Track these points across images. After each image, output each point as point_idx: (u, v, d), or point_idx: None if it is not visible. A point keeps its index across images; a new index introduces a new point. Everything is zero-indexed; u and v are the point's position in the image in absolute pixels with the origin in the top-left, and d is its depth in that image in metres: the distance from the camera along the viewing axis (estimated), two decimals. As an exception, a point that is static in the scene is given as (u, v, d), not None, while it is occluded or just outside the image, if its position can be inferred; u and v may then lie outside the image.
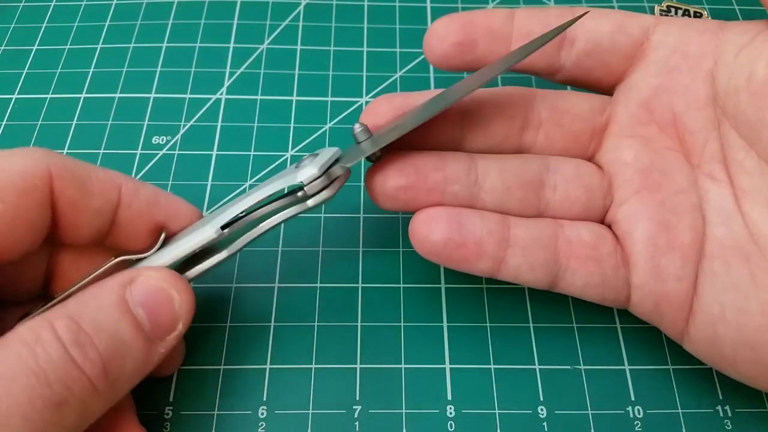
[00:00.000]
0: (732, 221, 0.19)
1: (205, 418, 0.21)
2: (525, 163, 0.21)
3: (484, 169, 0.20)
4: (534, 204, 0.21)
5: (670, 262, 0.19)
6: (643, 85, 0.21)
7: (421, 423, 0.21)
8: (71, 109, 0.28)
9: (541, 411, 0.21)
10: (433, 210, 0.19)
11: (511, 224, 0.20)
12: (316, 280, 0.23)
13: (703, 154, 0.20)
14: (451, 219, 0.19)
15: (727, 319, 0.18)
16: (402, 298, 0.23)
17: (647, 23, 0.21)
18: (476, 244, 0.19)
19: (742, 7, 0.31)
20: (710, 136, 0.19)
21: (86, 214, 0.18)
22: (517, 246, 0.19)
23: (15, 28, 0.30)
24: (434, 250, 0.19)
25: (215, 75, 0.29)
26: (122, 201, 0.18)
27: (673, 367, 0.22)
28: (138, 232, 0.19)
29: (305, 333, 0.22)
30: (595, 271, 0.20)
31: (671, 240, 0.19)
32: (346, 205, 0.25)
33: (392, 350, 0.22)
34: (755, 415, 0.21)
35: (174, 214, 0.19)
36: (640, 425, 0.21)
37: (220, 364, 0.22)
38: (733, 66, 0.19)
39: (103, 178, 0.18)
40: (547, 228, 0.20)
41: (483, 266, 0.19)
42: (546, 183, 0.21)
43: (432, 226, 0.19)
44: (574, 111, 0.21)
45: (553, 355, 0.22)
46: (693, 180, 0.20)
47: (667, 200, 0.20)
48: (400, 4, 0.32)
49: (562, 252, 0.20)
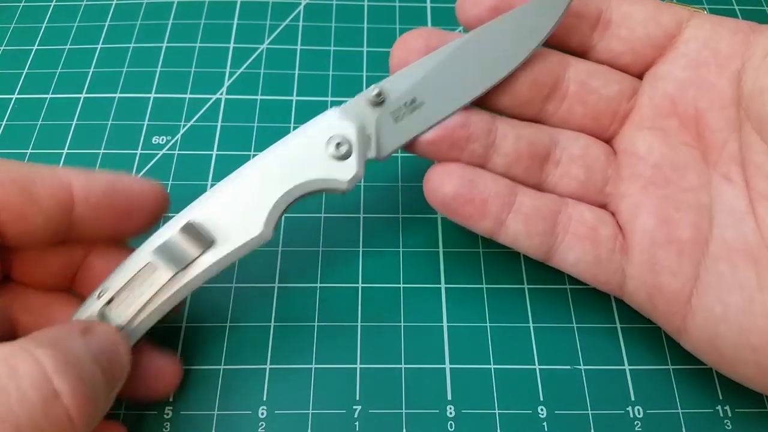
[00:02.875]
0: (743, 223, 0.18)
1: (205, 418, 0.21)
2: (539, 133, 0.21)
3: (503, 133, 0.21)
4: (536, 175, 0.21)
5: (665, 256, 0.19)
6: (670, 78, 0.21)
7: (421, 423, 0.21)
8: (71, 109, 0.28)
9: (541, 411, 0.21)
10: (450, 165, 0.20)
11: (519, 192, 0.21)
12: (316, 280, 0.23)
13: (722, 153, 0.19)
14: (464, 176, 0.20)
15: (730, 320, 0.18)
16: (402, 298, 0.23)
17: (681, 16, 0.21)
18: (482, 203, 0.20)
19: (742, 7, 0.31)
20: (731, 136, 0.19)
21: (35, 220, 0.17)
22: (519, 212, 0.20)
23: (15, 28, 0.30)
24: (443, 201, 0.20)
25: (215, 75, 0.29)
26: (76, 198, 0.18)
27: (673, 367, 0.22)
28: (102, 222, 0.18)
29: (305, 333, 0.22)
30: (589, 249, 0.20)
31: (669, 234, 0.19)
32: (346, 205, 0.25)
33: (392, 350, 0.22)
34: (755, 415, 0.21)
35: (136, 195, 0.19)
36: (640, 425, 0.21)
37: (220, 364, 0.22)
38: (759, 69, 0.19)
39: (50, 180, 0.17)
40: (552, 202, 0.21)
41: (485, 225, 0.20)
42: (551, 157, 0.21)
43: (445, 179, 0.20)
44: (601, 91, 0.21)
45: (553, 355, 0.22)
46: (706, 179, 0.20)
47: (672, 196, 0.20)
48: (400, 4, 0.32)
49: (561, 226, 0.20)
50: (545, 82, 0.21)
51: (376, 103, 0.20)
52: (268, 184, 0.19)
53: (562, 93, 0.21)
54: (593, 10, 0.21)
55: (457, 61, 0.20)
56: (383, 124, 0.20)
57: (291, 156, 0.19)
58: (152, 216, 0.19)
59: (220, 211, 0.18)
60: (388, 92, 0.20)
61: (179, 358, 0.21)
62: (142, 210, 0.19)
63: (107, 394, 0.16)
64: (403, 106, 0.20)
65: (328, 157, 0.19)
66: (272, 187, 0.19)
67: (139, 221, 0.19)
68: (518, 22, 0.20)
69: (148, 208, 0.19)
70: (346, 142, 0.19)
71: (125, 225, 0.19)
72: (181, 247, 0.18)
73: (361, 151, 0.19)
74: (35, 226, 0.17)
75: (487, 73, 0.20)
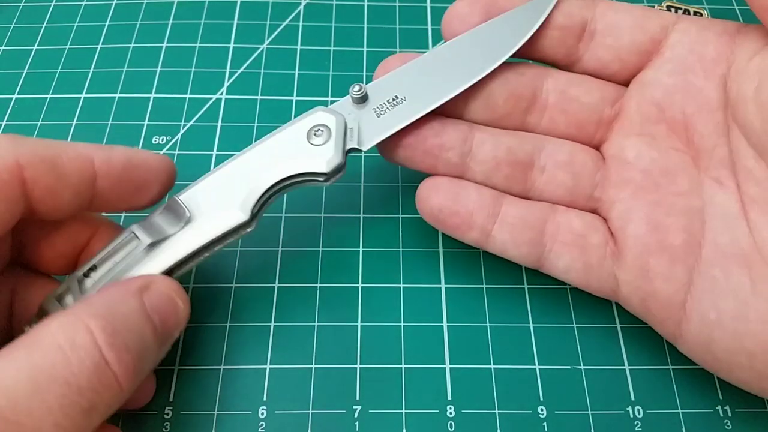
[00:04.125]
0: (736, 228, 0.18)
1: (205, 418, 0.21)
2: (520, 141, 0.21)
3: (480, 141, 0.21)
4: (520, 182, 0.21)
5: (657, 262, 0.19)
6: (657, 84, 0.21)
7: (421, 423, 0.21)
8: (71, 109, 0.28)
9: (541, 411, 0.21)
10: (438, 179, 0.21)
11: (505, 202, 0.21)
12: (316, 280, 0.23)
13: (712, 158, 0.19)
14: (450, 189, 0.21)
15: (724, 326, 0.18)
16: (402, 298, 0.23)
17: (667, 21, 0.21)
18: (467, 214, 0.21)
19: (742, 7, 0.31)
20: (720, 141, 0.19)
21: (64, 196, 0.18)
22: (505, 222, 0.21)
23: (15, 28, 0.30)
24: (432, 214, 0.21)
25: (215, 75, 0.29)
26: (98, 173, 0.18)
27: (673, 367, 0.22)
28: (120, 194, 0.19)
29: (305, 333, 0.22)
30: (578, 257, 0.20)
31: (661, 241, 0.19)
32: (346, 205, 0.25)
33: (392, 350, 0.22)
34: (755, 415, 0.21)
35: (150, 168, 0.20)
36: (640, 425, 0.21)
37: (220, 364, 0.22)
38: (743, 73, 0.18)
39: (75, 155, 0.18)
40: (540, 210, 0.21)
41: (472, 236, 0.21)
42: (536, 164, 0.21)
43: (432, 192, 0.21)
44: (582, 99, 0.21)
45: (553, 355, 0.22)
46: (697, 183, 0.20)
47: (663, 201, 0.20)
48: (400, 4, 0.32)
49: (549, 234, 0.21)
50: (522, 94, 0.21)
51: (359, 99, 0.21)
52: (250, 170, 0.20)
53: (541, 104, 0.21)
54: (578, 22, 0.21)
55: (438, 62, 0.21)
56: (365, 118, 0.21)
57: (275, 146, 0.20)
58: (164, 188, 0.20)
59: (203, 193, 0.20)
60: (371, 90, 0.21)
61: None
62: (156, 182, 0.20)
63: (158, 350, 0.17)
64: (385, 103, 0.21)
65: (309, 146, 0.20)
66: (254, 173, 0.20)
67: (152, 193, 0.20)
68: (498, 29, 0.21)
69: (160, 181, 0.20)
70: (325, 129, 0.20)
71: (140, 196, 0.20)
72: (160, 220, 0.19)
73: (340, 139, 0.20)
74: (64, 200, 0.18)
75: (465, 73, 0.21)
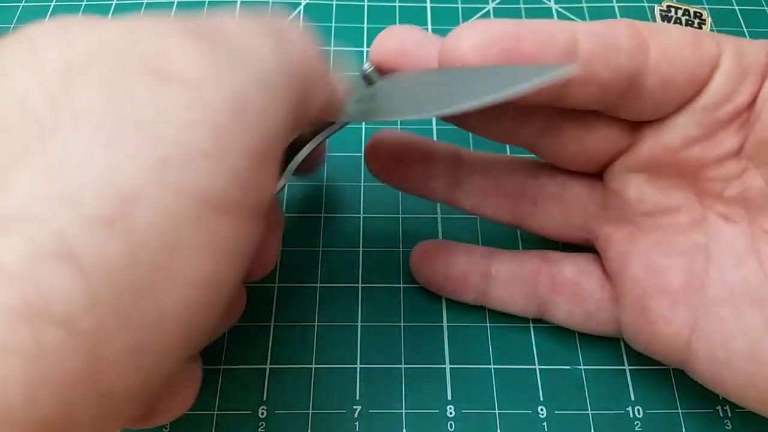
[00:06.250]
0: (744, 264, 0.17)
1: (205, 418, 0.21)
2: (510, 171, 0.21)
3: (468, 170, 0.21)
4: (508, 213, 0.21)
5: (658, 305, 0.18)
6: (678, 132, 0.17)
7: (421, 423, 0.21)
8: (71, 109, 0.28)
9: (541, 411, 0.21)
10: (430, 243, 0.22)
11: (495, 259, 0.21)
12: (316, 280, 0.23)
13: (720, 197, 0.18)
14: (440, 256, 0.22)
15: (734, 366, 0.17)
16: (402, 298, 0.23)
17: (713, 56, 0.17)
18: (462, 278, 0.21)
19: (742, 7, 0.31)
20: (732, 183, 0.18)
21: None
22: (498, 280, 0.21)
23: (15, 28, 0.30)
24: (428, 282, 0.22)
25: (215, 75, 0.29)
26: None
27: (673, 367, 0.22)
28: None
29: (305, 333, 0.22)
30: (576, 306, 0.20)
31: (660, 283, 0.18)
32: (346, 205, 0.25)
33: (392, 350, 0.22)
34: (755, 415, 0.21)
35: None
36: (640, 425, 0.21)
37: (220, 364, 0.22)
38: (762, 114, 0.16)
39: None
40: (529, 263, 0.21)
41: (470, 297, 0.22)
42: (527, 195, 0.21)
43: (424, 261, 0.22)
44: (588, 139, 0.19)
45: (553, 355, 0.22)
46: (701, 218, 0.18)
47: (662, 240, 0.18)
48: (400, 4, 0.32)
49: (543, 286, 0.21)
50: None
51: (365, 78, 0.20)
52: None
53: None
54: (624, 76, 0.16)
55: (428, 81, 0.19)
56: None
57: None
58: None
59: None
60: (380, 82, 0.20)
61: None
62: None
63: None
64: (365, 97, 0.20)
65: None
66: None
67: None
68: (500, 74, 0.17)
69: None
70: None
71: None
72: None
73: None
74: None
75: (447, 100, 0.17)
